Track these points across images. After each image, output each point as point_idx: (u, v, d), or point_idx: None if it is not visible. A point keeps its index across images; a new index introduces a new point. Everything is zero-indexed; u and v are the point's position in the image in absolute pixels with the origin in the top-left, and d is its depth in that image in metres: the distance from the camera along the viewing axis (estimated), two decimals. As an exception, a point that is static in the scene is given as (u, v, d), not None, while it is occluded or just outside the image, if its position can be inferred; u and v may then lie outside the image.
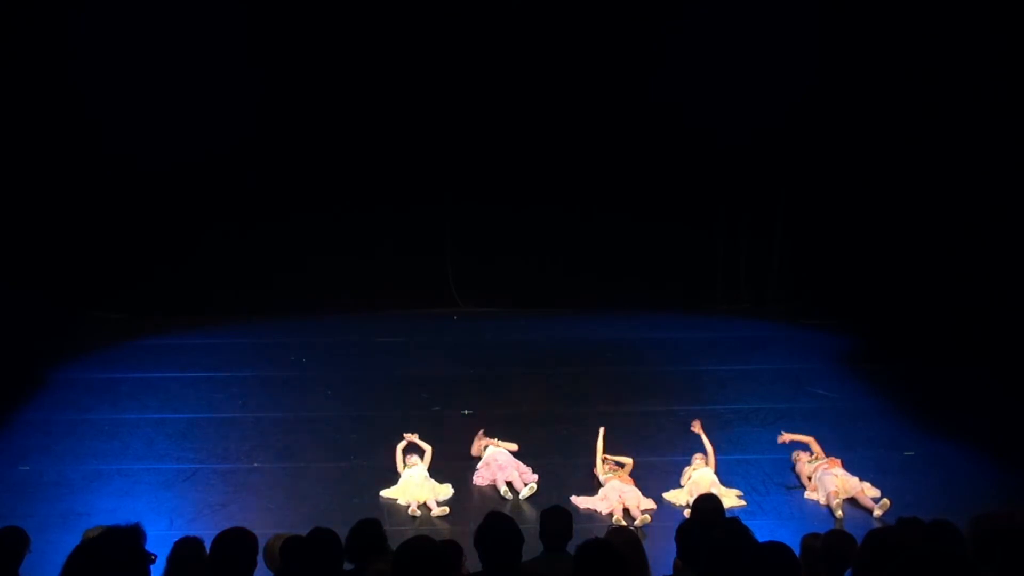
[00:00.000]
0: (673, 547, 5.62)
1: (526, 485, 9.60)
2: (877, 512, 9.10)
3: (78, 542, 5.16)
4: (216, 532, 5.27)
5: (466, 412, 11.37)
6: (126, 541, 4.37)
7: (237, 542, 5.20)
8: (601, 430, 10.00)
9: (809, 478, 9.70)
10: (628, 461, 9.81)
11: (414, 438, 10.19)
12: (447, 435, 10.81)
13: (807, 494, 9.60)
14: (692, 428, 10.12)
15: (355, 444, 10.72)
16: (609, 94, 14.50)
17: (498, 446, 10.15)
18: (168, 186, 14.39)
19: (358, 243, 14.89)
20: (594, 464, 9.82)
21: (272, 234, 14.72)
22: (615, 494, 9.33)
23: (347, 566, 5.55)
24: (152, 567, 4.91)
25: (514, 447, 10.20)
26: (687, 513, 8.32)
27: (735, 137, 14.55)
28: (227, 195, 14.59)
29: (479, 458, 10.14)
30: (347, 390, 12.09)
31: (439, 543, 4.81)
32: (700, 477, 9.54)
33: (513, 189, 14.81)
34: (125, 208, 14.41)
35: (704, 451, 9.90)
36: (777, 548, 4.18)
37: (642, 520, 8.99)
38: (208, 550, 5.18)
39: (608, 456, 9.89)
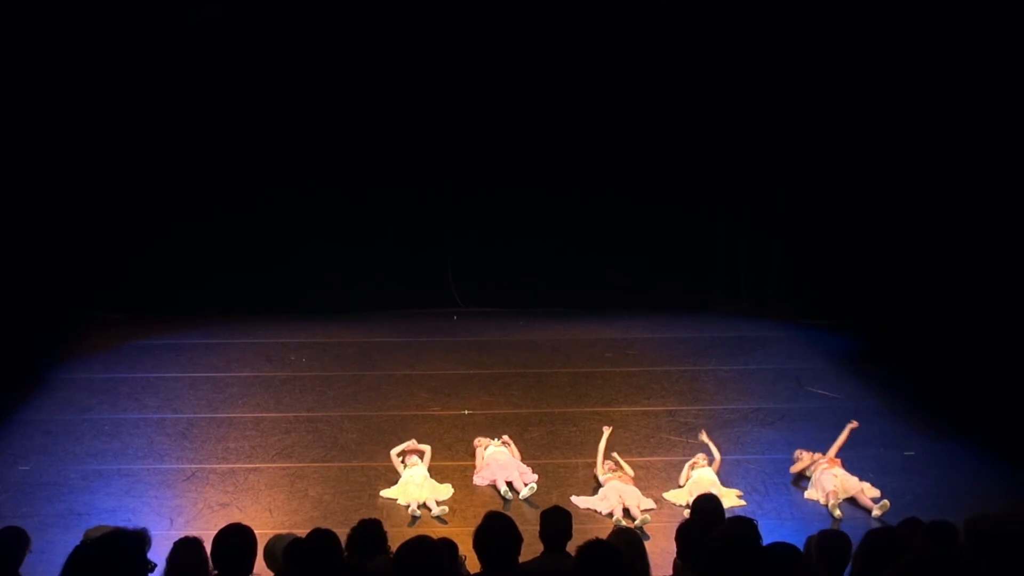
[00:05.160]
0: (673, 547, 5.63)
1: (526, 485, 9.60)
2: (876, 512, 9.09)
3: (78, 542, 5.17)
4: (216, 532, 5.28)
5: (467, 412, 11.38)
6: (130, 545, 4.38)
7: (237, 538, 5.22)
8: (606, 430, 10.00)
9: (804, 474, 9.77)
10: (631, 472, 9.78)
11: (413, 444, 10.18)
12: (447, 435, 10.84)
13: (807, 494, 9.61)
14: (700, 438, 10.12)
15: (355, 444, 10.73)
16: (610, 97, 14.49)
17: (499, 446, 10.16)
18: (168, 186, 14.39)
19: (358, 244, 14.87)
20: (595, 463, 9.81)
21: (273, 235, 14.70)
22: (615, 494, 9.33)
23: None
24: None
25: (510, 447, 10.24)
26: (687, 513, 8.32)
27: (736, 136, 14.58)
28: (227, 196, 14.58)
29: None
30: (347, 390, 12.09)
31: (438, 542, 4.82)
32: (700, 477, 9.55)
33: (514, 191, 14.79)
34: (125, 208, 14.40)
35: (710, 454, 9.92)
36: (782, 549, 4.19)
37: (642, 520, 8.99)
38: (209, 548, 5.19)
39: (616, 456, 9.86)
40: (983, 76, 12.55)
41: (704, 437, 10.10)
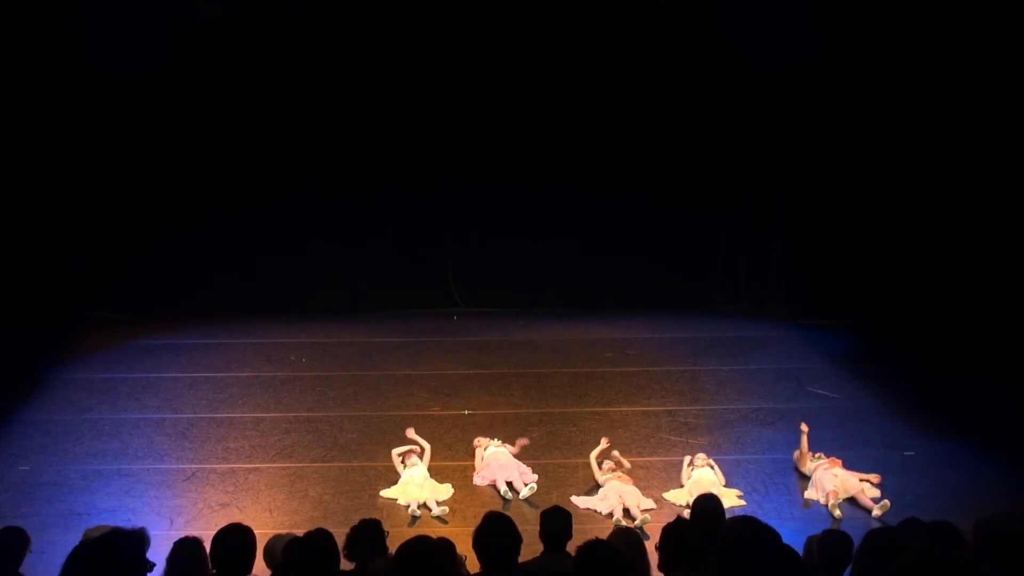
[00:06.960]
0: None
1: (526, 485, 9.60)
2: (876, 512, 9.10)
3: (78, 542, 5.17)
4: (216, 532, 5.28)
5: (467, 412, 11.38)
6: (129, 545, 4.37)
7: (236, 538, 5.22)
8: (604, 441, 9.99)
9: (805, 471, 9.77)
10: (628, 465, 9.78)
11: (412, 433, 10.20)
12: (447, 435, 10.83)
13: (807, 494, 9.61)
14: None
15: (355, 444, 10.73)
16: (610, 97, 14.48)
17: (499, 446, 10.15)
18: (168, 186, 14.39)
19: (358, 244, 14.87)
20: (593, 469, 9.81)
21: (273, 235, 14.70)
22: (615, 494, 9.33)
23: (347, 566, 5.55)
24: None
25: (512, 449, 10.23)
26: (687, 513, 8.32)
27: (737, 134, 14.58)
28: (227, 196, 14.59)
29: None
30: (347, 390, 12.09)
31: (438, 542, 4.82)
32: (700, 477, 9.55)
33: (514, 191, 14.79)
34: (125, 208, 14.41)
35: (706, 451, 9.92)
36: (782, 549, 4.18)
37: (642, 520, 8.99)
38: (208, 548, 5.19)
39: (616, 454, 9.85)
40: (983, 77, 12.54)
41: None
